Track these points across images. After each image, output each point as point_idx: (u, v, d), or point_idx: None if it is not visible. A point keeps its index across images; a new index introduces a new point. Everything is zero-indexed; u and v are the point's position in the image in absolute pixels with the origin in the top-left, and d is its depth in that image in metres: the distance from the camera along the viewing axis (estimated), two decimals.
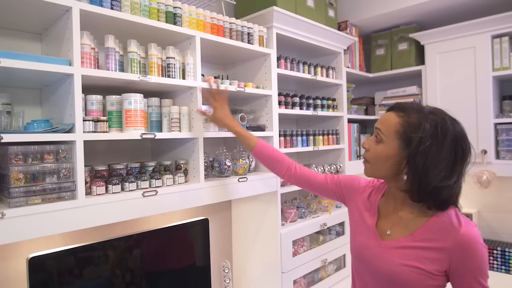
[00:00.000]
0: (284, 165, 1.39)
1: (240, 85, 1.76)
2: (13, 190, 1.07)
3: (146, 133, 1.38)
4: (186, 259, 1.73)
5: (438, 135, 0.94)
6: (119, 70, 1.36)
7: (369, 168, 1.06)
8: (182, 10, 1.52)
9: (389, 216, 1.08)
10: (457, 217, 0.97)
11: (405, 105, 1.02)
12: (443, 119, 0.97)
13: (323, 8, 2.29)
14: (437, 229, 0.96)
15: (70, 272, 1.31)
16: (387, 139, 1.00)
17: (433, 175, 0.93)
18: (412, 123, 0.96)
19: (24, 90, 1.41)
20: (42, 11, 1.21)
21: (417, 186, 0.95)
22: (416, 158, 0.94)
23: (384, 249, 1.03)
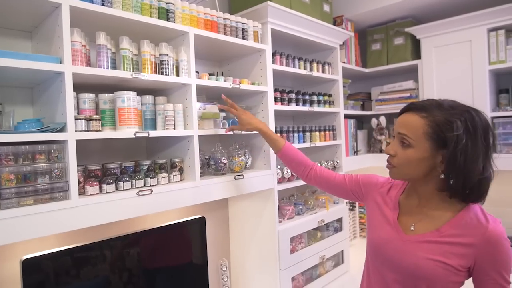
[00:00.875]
0: (307, 168, 1.44)
1: (235, 82, 1.75)
2: (4, 191, 1.05)
3: (140, 132, 1.36)
4: (183, 258, 1.72)
5: (470, 129, 0.93)
6: (111, 67, 1.34)
7: (395, 172, 1.05)
8: (175, 6, 1.50)
9: (412, 212, 1.07)
10: (483, 213, 0.98)
11: (423, 104, 1.00)
12: (468, 112, 0.96)
13: (318, 3, 2.27)
14: (464, 225, 0.96)
15: (65, 273, 1.29)
16: (416, 143, 0.98)
17: (475, 170, 0.93)
18: (441, 122, 0.95)
19: (14, 89, 1.39)
20: (31, 7, 1.19)
21: (461, 184, 0.94)
22: (457, 158, 0.92)
23: (407, 243, 1.02)
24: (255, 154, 1.96)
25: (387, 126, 2.80)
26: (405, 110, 1.04)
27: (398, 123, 1.04)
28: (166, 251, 1.64)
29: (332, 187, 1.38)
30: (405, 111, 1.04)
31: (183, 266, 1.72)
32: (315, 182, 1.43)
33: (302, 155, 1.46)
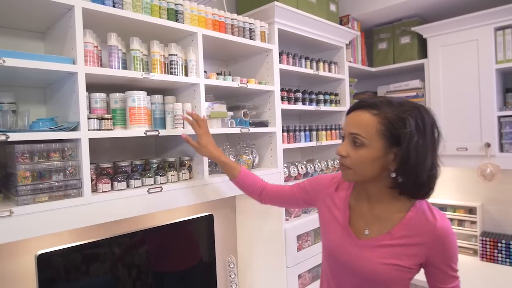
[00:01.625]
0: (263, 190, 1.38)
1: (242, 81, 1.77)
2: (21, 188, 1.08)
3: (150, 130, 1.38)
4: (191, 255, 1.75)
5: (420, 126, 0.93)
6: (122, 68, 1.37)
7: (351, 174, 1.00)
8: (184, 7, 1.53)
9: (364, 215, 1.06)
10: (430, 210, 1.00)
11: (373, 101, 0.97)
12: (417, 108, 0.95)
13: (324, 3, 2.28)
14: (414, 225, 0.98)
15: (78, 268, 1.33)
16: (370, 142, 0.95)
17: (425, 166, 0.93)
18: (393, 119, 0.93)
19: (28, 89, 1.42)
20: (44, 10, 1.22)
21: (412, 181, 0.94)
22: (410, 154, 0.91)
23: (361, 249, 1.02)
24: (262, 153, 1.98)
25: None
26: (355, 107, 1.01)
27: (348, 122, 1.01)
28: (175, 248, 1.67)
29: (285, 201, 1.34)
30: (355, 109, 1.01)
31: (192, 263, 1.74)
32: (270, 201, 1.37)
33: (257, 178, 1.40)
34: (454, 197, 2.76)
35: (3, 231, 1.03)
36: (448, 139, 2.44)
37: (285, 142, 2.01)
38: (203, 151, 1.40)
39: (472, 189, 2.68)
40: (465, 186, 2.71)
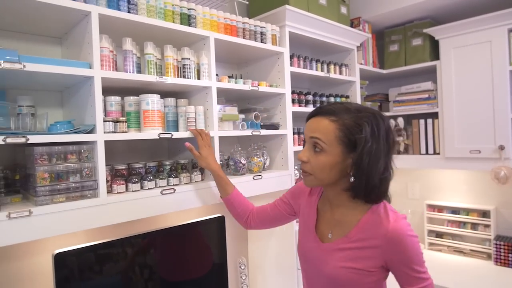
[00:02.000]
0: (250, 214, 1.38)
1: (253, 84, 1.79)
2: (39, 189, 1.12)
3: (164, 133, 1.41)
4: (203, 256, 1.77)
5: (375, 132, 0.96)
6: (136, 71, 1.40)
7: (312, 179, 1.03)
8: (196, 11, 1.55)
9: (327, 219, 1.10)
10: (385, 212, 0.99)
11: (331, 108, 1.01)
12: (373, 115, 0.99)
13: (335, 5, 2.29)
14: (369, 228, 0.99)
15: (93, 267, 1.36)
16: (329, 147, 0.98)
17: (376, 170, 0.96)
18: (350, 125, 0.97)
19: (46, 93, 1.46)
20: (62, 16, 1.26)
21: (364, 184, 0.97)
22: (363, 159, 0.95)
23: (324, 252, 1.05)
24: (273, 155, 1.99)
25: (405, 127, 2.79)
26: (313, 114, 1.04)
27: (308, 127, 1.04)
28: (187, 250, 1.69)
29: (272, 219, 1.34)
30: (313, 116, 1.04)
31: (203, 264, 1.76)
32: (256, 224, 1.37)
33: (249, 202, 1.42)
34: (467, 200, 2.73)
35: (22, 231, 1.06)
36: (461, 142, 2.42)
37: (296, 144, 2.02)
38: (203, 162, 1.44)
39: (486, 192, 2.64)
40: (479, 189, 2.68)
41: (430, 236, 2.81)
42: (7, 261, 1.36)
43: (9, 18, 1.26)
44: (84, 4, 1.22)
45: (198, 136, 1.46)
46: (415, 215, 2.95)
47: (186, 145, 1.46)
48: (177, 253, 1.65)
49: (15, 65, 1.06)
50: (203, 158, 1.44)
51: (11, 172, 1.32)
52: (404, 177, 3.05)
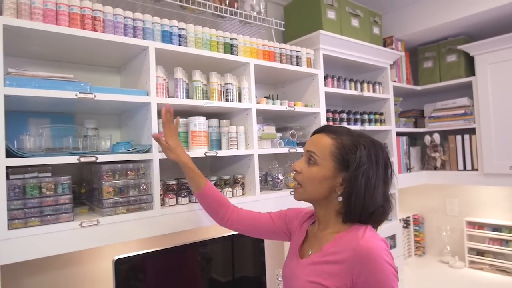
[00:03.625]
0: (228, 210, 1.31)
1: (290, 105, 1.90)
2: (105, 201, 1.28)
3: (209, 151, 1.55)
4: (243, 267, 1.87)
5: (372, 157, 0.98)
6: (185, 96, 1.56)
7: (302, 192, 1.05)
8: (238, 40, 1.71)
9: (312, 238, 1.10)
10: (364, 231, 0.95)
11: (335, 128, 1.06)
12: (373, 143, 1.01)
13: (368, 26, 2.38)
14: (342, 242, 0.96)
15: (150, 272, 1.50)
16: (322, 161, 1.00)
17: (374, 196, 0.96)
18: (347, 145, 0.99)
19: (106, 116, 1.66)
20: (123, 50, 1.45)
21: (360, 208, 0.96)
22: (357, 179, 0.95)
23: (299, 267, 1.04)
24: None
25: (442, 143, 2.79)
26: (317, 131, 1.08)
27: (308, 142, 1.08)
28: (228, 260, 1.81)
29: (258, 228, 1.28)
30: (318, 132, 1.08)
31: (243, 275, 1.87)
32: (237, 225, 1.30)
33: (223, 196, 1.35)
34: (509, 217, 2.66)
35: (92, 238, 1.23)
36: (500, 157, 2.39)
37: None
38: (172, 154, 1.31)
39: None
40: None
41: (471, 254, 2.75)
42: (71, 266, 1.54)
43: (79, 54, 1.47)
44: (143, 40, 1.40)
45: (166, 124, 1.32)
46: (454, 232, 2.90)
47: (153, 136, 1.35)
48: (218, 263, 1.76)
49: (88, 96, 1.25)
50: (172, 149, 1.31)
51: (77, 186, 1.50)
52: (442, 193, 3.02)
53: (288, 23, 2.23)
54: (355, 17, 2.28)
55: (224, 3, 1.77)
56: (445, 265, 2.82)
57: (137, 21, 1.41)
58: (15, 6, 1.16)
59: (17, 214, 1.12)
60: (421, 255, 3.08)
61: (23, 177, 1.15)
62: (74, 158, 1.21)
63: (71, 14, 1.26)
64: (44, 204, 1.17)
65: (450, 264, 2.78)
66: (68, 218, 1.21)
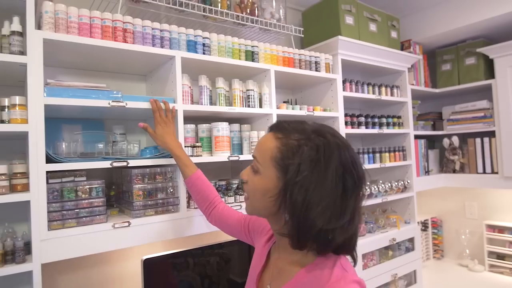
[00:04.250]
0: (212, 204, 1.26)
1: (309, 109, 1.94)
2: (135, 204, 1.35)
3: (232, 156, 1.61)
4: None
5: (320, 161, 0.73)
6: (209, 103, 1.62)
7: (248, 205, 0.87)
8: (259, 48, 1.76)
9: (271, 266, 0.90)
10: (331, 268, 0.75)
11: (285, 124, 0.82)
12: (328, 142, 0.75)
13: (385, 31, 2.39)
14: (302, 285, 0.77)
15: (176, 271, 1.57)
16: (263, 169, 0.80)
17: (316, 213, 0.72)
18: (291, 147, 0.76)
19: (132, 122, 1.73)
20: (151, 59, 1.52)
21: (296, 229, 0.74)
22: (293, 192, 0.73)
23: None
24: None
25: (461, 146, 2.78)
26: (269, 129, 0.86)
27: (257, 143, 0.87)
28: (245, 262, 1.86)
29: (230, 227, 1.19)
30: (269, 131, 0.86)
31: None
32: (215, 222, 1.25)
33: (213, 189, 1.29)
34: None
35: (123, 238, 1.30)
36: None
37: None
38: (158, 141, 1.34)
39: None
40: None
41: (491, 257, 2.73)
42: (101, 265, 1.61)
43: (109, 63, 1.55)
44: (170, 50, 1.47)
45: (156, 112, 1.35)
46: (474, 235, 2.88)
47: (140, 125, 1.38)
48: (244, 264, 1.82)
49: (120, 104, 1.32)
50: (158, 137, 1.33)
51: (107, 189, 1.58)
52: (461, 196, 3.00)
53: (306, 29, 2.27)
54: (373, 21, 2.30)
55: (245, 12, 1.82)
56: (464, 268, 2.80)
57: (164, 32, 1.48)
58: (53, 21, 1.24)
59: (55, 216, 1.20)
60: (439, 258, 3.07)
61: (60, 181, 1.23)
62: (107, 163, 1.28)
63: (103, 27, 1.33)
64: (80, 207, 1.25)
65: (470, 268, 2.76)
66: (102, 220, 1.28)
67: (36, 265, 1.14)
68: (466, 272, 2.74)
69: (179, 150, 1.34)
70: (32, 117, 1.16)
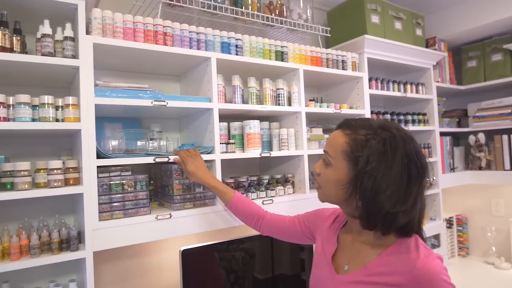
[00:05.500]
0: (259, 218, 1.33)
1: (336, 107, 1.99)
2: (176, 197, 1.43)
3: (264, 152, 1.67)
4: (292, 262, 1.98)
5: (387, 153, 0.84)
6: (241, 102, 1.69)
7: (321, 194, 0.98)
8: (288, 48, 1.82)
9: (347, 248, 0.98)
10: (416, 248, 0.85)
11: (352, 122, 0.93)
12: (394, 136, 0.86)
13: (410, 29, 2.41)
14: (392, 262, 0.85)
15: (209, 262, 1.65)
16: (335, 162, 0.91)
17: (384, 199, 0.82)
18: (360, 141, 0.87)
19: (168, 120, 1.82)
20: (186, 61, 1.60)
21: (366, 212, 0.86)
22: (363, 180, 0.84)
23: (337, 285, 0.94)
24: None
25: (487, 143, 2.76)
26: (337, 127, 0.97)
27: (327, 140, 0.98)
28: (283, 254, 1.92)
29: (285, 232, 1.27)
30: (337, 128, 0.97)
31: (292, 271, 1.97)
32: (269, 231, 1.32)
33: (254, 204, 1.36)
34: None
35: (165, 229, 1.38)
36: None
37: None
38: (193, 178, 1.39)
39: None
40: None
41: None
42: (140, 256, 1.71)
43: (148, 65, 1.64)
44: (206, 51, 1.54)
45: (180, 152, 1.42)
46: (500, 233, 2.86)
47: (175, 161, 1.43)
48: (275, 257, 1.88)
49: (161, 103, 1.40)
50: (190, 173, 1.38)
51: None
52: (486, 193, 2.98)
53: (331, 28, 2.30)
54: (398, 20, 2.32)
55: (274, 13, 1.88)
56: (490, 266, 2.79)
57: (200, 34, 1.55)
58: (101, 26, 1.33)
59: (105, 208, 1.30)
60: (464, 256, 3.06)
61: (109, 175, 1.32)
62: (150, 158, 1.37)
63: (145, 31, 1.42)
64: (126, 199, 1.34)
65: (496, 265, 2.75)
66: (146, 212, 1.37)
67: (89, 253, 1.23)
68: (492, 269, 2.73)
69: (214, 180, 1.39)
70: (84, 116, 1.25)
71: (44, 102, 1.22)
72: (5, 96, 1.18)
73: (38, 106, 1.22)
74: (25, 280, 1.41)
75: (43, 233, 1.22)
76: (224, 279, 1.69)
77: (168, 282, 1.76)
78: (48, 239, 1.22)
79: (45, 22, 1.25)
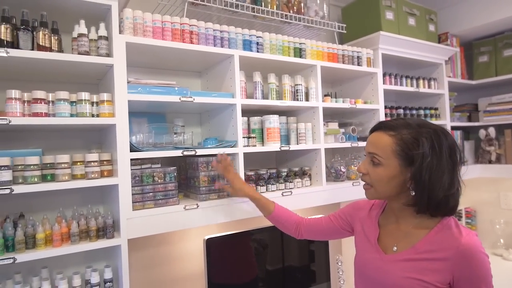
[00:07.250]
0: (298, 225, 1.40)
1: (351, 102, 2.05)
2: (202, 188, 1.51)
3: (283, 146, 1.74)
4: (309, 252, 2.06)
5: (436, 148, 0.96)
6: (262, 97, 1.75)
7: (373, 192, 1.07)
8: (306, 44, 1.87)
9: (392, 232, 1.09)
10: (457, 227, 0.99)
11: (391, 123, 1.04)
12: (435, 131, 0.99)
13: (423, 24, 2.45)
14: (439, 240, 0.98)
15: (229, 250, 1.73)
16: (386, 161, 1.01)
17: (439, 186, 0.95)
18: (408, 140, 0.98)
19: (189, 115, 1.89)
20: (211, 58, 1.66)
21: (426, 200, 0.97)
22: (422, 174, 0.95)
23: (387, 263, 1.04)
24: None
25: (497, 137, 2.81)
26: (374, 129, 1.07)
27: (368, 142, 1.07)
28: (295, 245, 2.00)
29: (324, 232, 1.36)
30: (374, 131, 1.07)
31: (309, 260, 2.05)
32: (308, 236, 1.39)
33: (291, 213, 1.43)
34: None
35: (193, 219, 1.46)
36: None
37: None
38: (240, 193, 1.47)
39: None
40: None
41: None
42: (165, 245, 1.79)
43: (173, 62, 1.70)
44: (229, 49, 1.61)
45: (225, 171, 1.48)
46: (509, 225, 2.92)
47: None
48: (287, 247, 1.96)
49: (188, 99, 1.47)
50: (238, 191, 1.46)
51: None
52: (496, 186, 3.03)
53: (346, 24, 2.35)
54: (411, 16, 2.36)
55: (292, 10, 1.93)
56: (499, 257, 2.85)
57: (223, 33, 1.61)
58: (132, 26, 1.40)
59: (137, 198, 1.37)
60: None
61: (140, 168, 1.40)
62: (178, 152, 1.44)
63: (173, 30, 1.48)
64: (156, 190, 1.42)
65: (504, 257, 2.81)
66: (175, 202, 1.44)
67: (124, 240, 1.32)
68: (500, 261, 2.79)
69: (257, 194, 1.47)
70: (118, 111, 1.32)
71: (81, 99, 1.29)
72: (46, 93, 1.25)
73: (76, 102, 1.30)
74: (59, 266, 1.50)
75: (81, 221, 1.30)
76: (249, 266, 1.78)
77: (192, 270, 1.85)
78: (86, 227, 1.30)
79: (81, 22, 1.32)
